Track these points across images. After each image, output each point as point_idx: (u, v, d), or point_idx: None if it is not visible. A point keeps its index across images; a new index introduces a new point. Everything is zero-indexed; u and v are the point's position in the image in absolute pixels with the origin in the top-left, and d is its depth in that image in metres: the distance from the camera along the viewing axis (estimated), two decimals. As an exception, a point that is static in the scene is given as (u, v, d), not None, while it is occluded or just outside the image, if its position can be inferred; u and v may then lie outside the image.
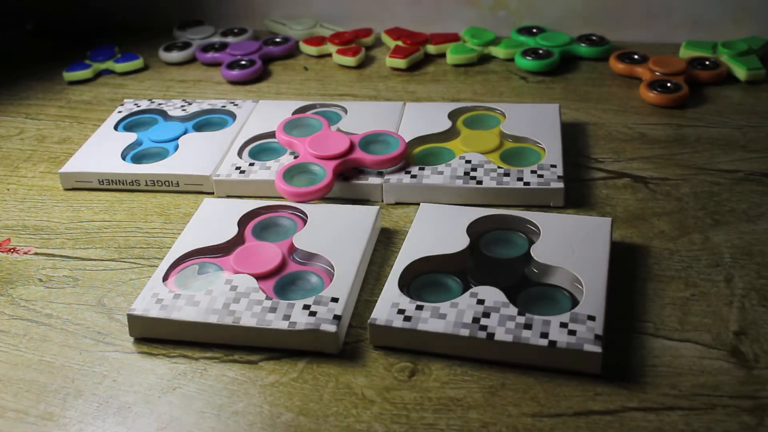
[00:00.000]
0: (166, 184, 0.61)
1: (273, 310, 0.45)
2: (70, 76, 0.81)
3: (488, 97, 0.72)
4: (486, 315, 0.43)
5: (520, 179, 0.56)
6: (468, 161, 0.58)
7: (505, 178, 0.56)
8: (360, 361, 0.44)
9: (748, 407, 0.39)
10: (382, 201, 0.58)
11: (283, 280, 0.49)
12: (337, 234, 0.51)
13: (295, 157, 0.59)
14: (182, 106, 0.70)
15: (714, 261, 0.50)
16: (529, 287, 0.47)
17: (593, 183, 0.58)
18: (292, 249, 0.51)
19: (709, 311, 0.46)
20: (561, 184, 0.55)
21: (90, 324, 0.48)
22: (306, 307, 0.45)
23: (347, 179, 0.58)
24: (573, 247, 0.48)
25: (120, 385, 0.43)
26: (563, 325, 0.42)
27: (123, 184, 0.61)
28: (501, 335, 0.42)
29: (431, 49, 0.81)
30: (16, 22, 0.87)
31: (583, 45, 0.78)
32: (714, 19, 0.80)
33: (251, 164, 0.60)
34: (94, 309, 0.49)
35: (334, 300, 0.46)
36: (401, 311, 0.44)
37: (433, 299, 0.46)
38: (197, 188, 0.60)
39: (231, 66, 0.79)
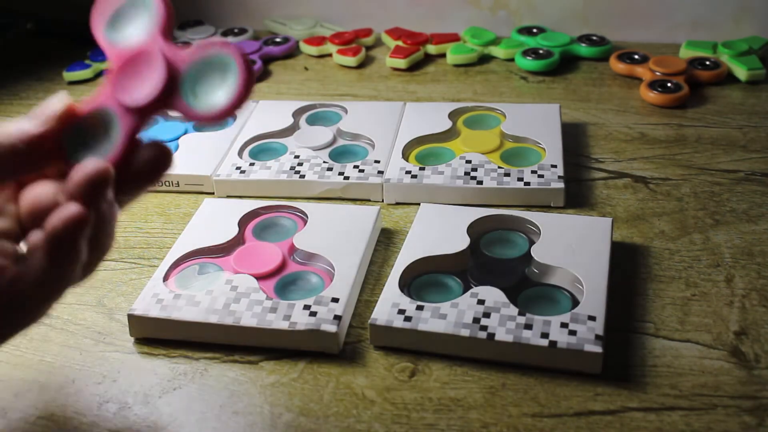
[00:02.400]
0: (166, 184, 0.61)
1: (273, 310, 0.45)
2: (70, 76, 0.81)
3: (488, 97, 0.72)
4: (486, 315, 0.43)
5: (520, 179, 0.56)
6: (468, 161, 0.58)
7: (506, 178, 0.56)
8: (360, 361, 0.44)
9: (748, 407, 0.39)
10: (383, 201, 0.58)
11: (284, 281, 0.49)
12: (337, 234, 0.51)
13: None
14: (182, 106, 0.70)
15: (714, 261, 0.50)
16: (530, 287, 0.47)
17: (593, 183, 0.58)
18: (293, 249, 0.51)
19: (710, 311, 0.46)
20: (561, 184, 0.55)
21: (90, 324, 0.48)
22: (306, 307, 0.45)
23: (347, 179, 0.58)
24: (573, 247, 0.48)
25: (120, 385, 0.43)
26: (564, 325, 0.42)
27: (123, 184, 0.61)
28: (501, 335, 0.42)
29: (431, 49, 0.81)
30: (16, 22, 0.87)
31: (583, 45, 0.78)
32: (714, 19, 0.80)
33: (251, 164, 0.60)
34: (94, 309, 0.49)
35: (335, 300, 0.46)
36: (401, 311, 0.44)
37: (434, 299, 0.46)
38: (197, 188, 0.60)
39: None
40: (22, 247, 0.35)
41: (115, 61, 0.36)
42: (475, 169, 0.57)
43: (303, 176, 0.58)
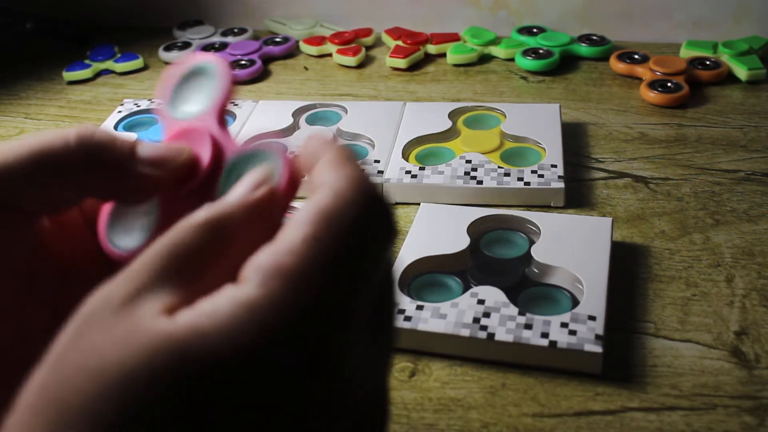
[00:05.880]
0: (166, 184, 0.60)
1: (273, 310, 0.45)
2: (70, 75, 0.81)
3: (488, 97, 0.72)
4: (486, 315, 0.43)
5: (520, 179, 0.56)
6: (468, 161, 0.58)
7: (506, 178, 0.56)
8: (360, 361, 0.44)
9: (748, 407, 0.39)
10: (383, 201, 0.58)
11: (283, 280, 0.49)
12: (337, 234, 0.51)
13: None
14: (182, 106, 0.70)
15: (715, 261, 0.49)
16: (530, 287, 0.47)
17: (594, 183, 0.58)
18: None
19: (710, 311, 0.46)
20: (561, 184, 0.55)
21: (90, 324, 0.48)
22: (306, 307, 0.45)
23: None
24: (573, 247, 0.48)
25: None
26: (564, 325, 0.42)
27: (123, 184, 0.61)
28: (501, 335, 0.42)
29: (431, 48, 0.81)
30: (16, 22, 0.87)
31: (583, 45, 0.78)
32: (714, 19, 0.80)
33: (251, 164, 0.60)
34: (93, 309, 0.49)
35: (335, 300, 0.45)
36: (401, 311, 0.44)
37: (434, 299, 0.46)
38: (197, 188, 0.60)
39: (231, 66, 0.79)
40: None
41: (167, 133, 0.35)
42: (475, 169, 0.57)
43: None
